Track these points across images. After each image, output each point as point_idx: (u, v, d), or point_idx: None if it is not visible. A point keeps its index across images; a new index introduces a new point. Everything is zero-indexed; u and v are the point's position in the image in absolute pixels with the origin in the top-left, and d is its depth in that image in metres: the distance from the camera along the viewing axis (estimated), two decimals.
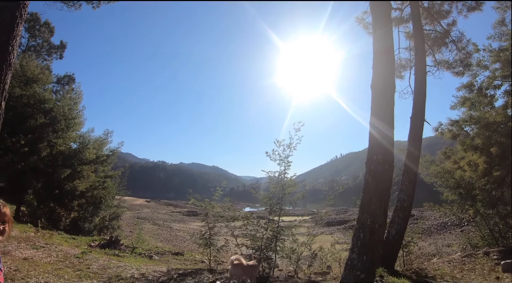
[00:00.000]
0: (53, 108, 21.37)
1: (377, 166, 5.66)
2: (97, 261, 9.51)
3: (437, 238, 26.52)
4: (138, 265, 9.56)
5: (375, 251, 5.51)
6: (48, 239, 12.53)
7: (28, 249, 9.86)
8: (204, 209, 10.25)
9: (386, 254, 9.78)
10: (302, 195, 9.99)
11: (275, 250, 9.52)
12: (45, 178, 21.47)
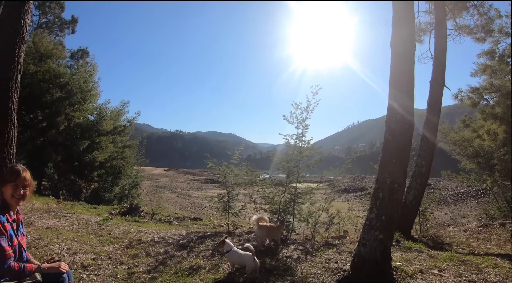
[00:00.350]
0: (68, 82, 21.36)
1: (397, 125, 5.50)
2: (118, 227, 9.64)
3: (453, 208, 26.37)
4: (158, 230, 9.66)
5: (394, 212, 5.43)
6: (70, 209, 12.72)
7: (51, 219, 10.00)
8: (223, 172, 10.21)
9: (402, 219, 9.74)
10: (320, 159, 9.79)
11: (293, 213, 9.51)
12: (64, 151, 21.75)
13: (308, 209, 9.70)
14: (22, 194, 3.54)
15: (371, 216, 5.55)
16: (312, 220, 9.51)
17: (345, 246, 7.72)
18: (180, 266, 6.52)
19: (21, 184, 3.52)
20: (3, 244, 3.26)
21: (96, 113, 24.07)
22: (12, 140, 6.51)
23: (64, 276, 3.66)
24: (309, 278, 5.81)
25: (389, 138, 5.57)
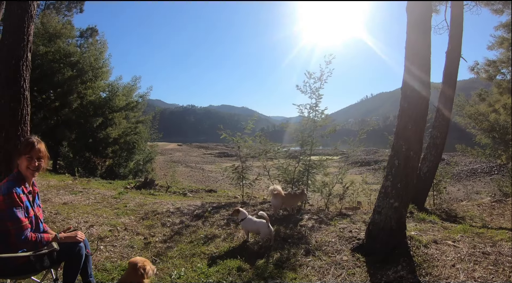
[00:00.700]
0: (79, 60, 21.45)
1: (413, 92, 5.38)
2: (134, 200, 9.75)
3: (466, 184, 26.03)
4: (173, 201, 9.74)
5: (410, 180, 5.36)
6: (86, 185, 12.86)
7: (67, 194, 10.13)
8: (236, 142, 10.21)
9: (416, 191, 9.63)
10: (334, 129, 9.67)
11: (307, 184, 9.49)
12: (78, 129, 21.99)
13: (322, 180, 9.67)
14: (37, 166, 3.54)
15: (387, 184, 5.50)
16: (326, 190, 9.49)
17: (359, 216, 7.71)
18: (195, 236, 6.61)
19: (36, 155, 3.52)
20: (19, 215, 3.30)
21: (108, 90, 24.24)
22: (26, 118, 6.57)
23: (81, 245, 3.69)
24: (323, 247, 5.83)
25: (405, 106, 5.48)
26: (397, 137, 5.50)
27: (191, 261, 5.37)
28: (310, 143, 9.41)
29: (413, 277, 4.48)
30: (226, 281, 4.56)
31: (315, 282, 4.61)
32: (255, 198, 11.09)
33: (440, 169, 11.78)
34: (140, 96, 26.15)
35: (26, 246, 3.36)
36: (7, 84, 6.32)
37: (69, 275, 3.69)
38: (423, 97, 5.39)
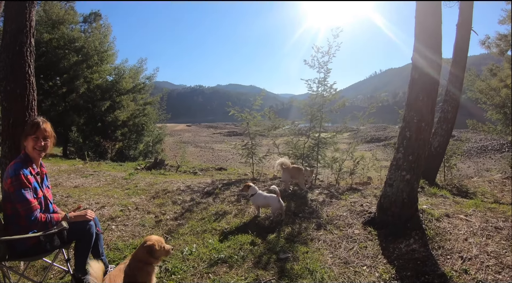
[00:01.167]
0: (84, 45, 21.51)
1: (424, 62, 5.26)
2: (144, 180, 9.80)
3: (477, 161, 25.72)
4: (183, 180, 9.78)
5: (421, 152, 5.26)
6: (96, 168, 12.97)
7: (78, 178, 10.22)
8: (245, 118, 10.15)
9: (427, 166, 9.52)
10: (343, 103, 9.56)
11: (317, 159, 9.45)
12: (87, 113, 22.20)
13: (332, 155, 9.62)
14: (43, 145, 3.53)
15: (398, 156, 5.42)
16: (336, 165, 9.45)
17: (369, 191, 7.66)
18: (206, 212, 6.64)
19: (42, 135, 3.51)
20: (28, 196, 3.29)
21: (114, 73, 24.37)
22: (33, 104, 6.55)
23: (91, 223, 3.70)
24: (334, 220, 5.81)
25: (415, 77, 5.35)
26: (408, 108, 5.39)
27: (202, 237, 5.39)
28: (320, 117, 9.32)
29: (426, 251, 4.44)
30: (238, 256, 4.56)
31: (327, 255, 4.60)
32: (265, 174, 11.10)
33: (451, 144, 11.64)
34: (147, 78, 26.29)
35: (36, 227, 3.37)
36: (12, 71, 6.29)
37: (80, 254, 3.71)
38: (434, 67, 5.26)
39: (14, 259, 3.52)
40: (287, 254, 4.58)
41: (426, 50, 5.25)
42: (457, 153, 12.46)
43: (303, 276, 4.00)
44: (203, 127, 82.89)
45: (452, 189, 9.84)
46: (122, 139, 24.29)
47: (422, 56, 5.27)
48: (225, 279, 3.97)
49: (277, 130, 10.37)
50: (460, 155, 13.06)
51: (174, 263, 4.40)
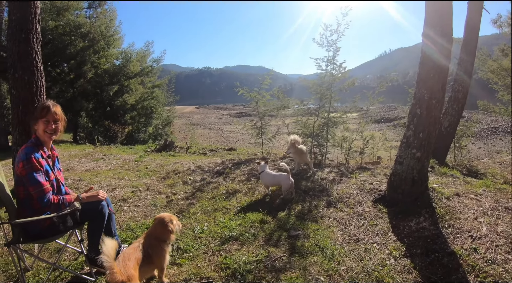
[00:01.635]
0: (90, 31, 21.42)
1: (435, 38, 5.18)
2: (154, 161, 9.88)
3: (487, 143, 25.35)
4: (193, 160, 9.85)
5: (432, 129, 5.21)
6: (107, 151, 13.06)
7: (89, 162, 10.30)
8: (254, 98, 10.13)
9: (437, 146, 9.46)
10: (353, 82, 9.44)
11: (326, 138, 9.42)
12: (95, 98, 22.28)
13: (342, 134, 9.59)
14: (54, 128, 3.54)
15: (408, 133, 5.39)
16: (346, 145, 9.42)
17: (379, 170, 7.65)
18: (216, 191, 6.69)
19: (52, 118, 3.51)
20: (40, 179, 3.32)
21: (121, 57, 24.30)
22: (41, 90, 6.61)
23: (103, 203, 3.74)
24: (345, 198, 5.82)
25: (426, 53, 5.28)
26: (419, 85, 5.33)
27: (213, 216, 5.45)
28: (329, 96, 9.25)
29: (436, 229, 4.44)
30: (249, 234, 4.60)
31: (337, 232, 4.62)
32: (275, 154, 11.10)
33: (461, 125, 11.54)
34: (154, 61, 26.22)
35: (49, 209, 3.40)
36: (19, 58, 6.33)
37: (93, 234, 3.77)
38: (445, 45, 5.19)
39: (28, 242, 3.55)
40: (297, 231, 4.61)
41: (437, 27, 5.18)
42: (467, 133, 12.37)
43: (314, 253, 4.04)
44: (212, 109, 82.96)
45: (462, 170, 9.78)
46: (131, 123, 24.48)
47: (433, 33, 5.20)
48: (236, 256, 4.01)
49: (286, 110, 10.34)
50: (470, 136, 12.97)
51: (186, 242, 4.46)
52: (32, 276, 3.87)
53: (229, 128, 41.78)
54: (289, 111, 10.49)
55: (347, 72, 9.30)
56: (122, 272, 2.77)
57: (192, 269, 3.79)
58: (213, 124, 47.94)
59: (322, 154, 9.41)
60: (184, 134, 32.69)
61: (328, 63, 9.21)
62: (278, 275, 3.60)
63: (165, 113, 27.47)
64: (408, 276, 3.55)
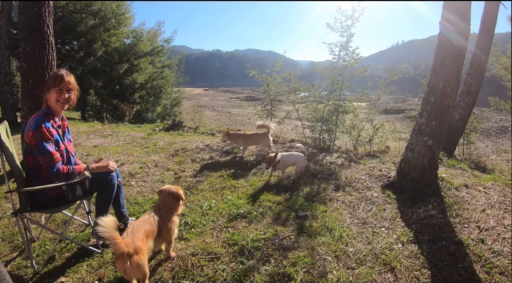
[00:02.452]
0: (101, 8, 21.30)
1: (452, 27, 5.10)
2: (163, 139, 9.88)
3: (495, 141, 25.07)
4: (202, 139, 9.85)
5: (445, 118, 5.16)
6: (115, 129, 13.07)
7: (97, 138, 10.32)
8: (266, 79, 10.08)
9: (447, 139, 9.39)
10: (365, 69, 9.34)
11: (336, 123, 9.38)
12: (104, 76, 22.23)
13: (351, 121, 9.55)
14: (67, 98, 3.50)
15: (421, 121, 5.34)
16: (355, 132, 9.39)
17: (388, 158, 7.64)
18: (225, 170, 6.70)
19: (65, 87, 3.47)
20: (50, 148, 3.29)
21: (132, 36, 24.19)
22: (52, 64, 6.60)
23: (113, 174, 3.73)
24: (353, 183, 5.82)
25: (442, 41, 5.20)
26: (434, 73, 5.26)
27: (221, 193, 5.47)
28: (341, 82, 9.19)
29: (443, 217, 4.43)
30: (257, 212, 4.61)
31: (346, 215, 4.62)
32: (283, 137, 11.08)
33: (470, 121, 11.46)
34: (164, 41, 26.17)
35: (59, 179, 3.39)
36: (31, 31, 6.31)
37: (102, 205, 3.76)
38: (462, 34, 5.10)
39: (35, 211, 3.57)
40: (306, 212, 4.61)
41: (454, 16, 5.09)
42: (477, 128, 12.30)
43: (322, 234, 4.04)
44: (221, 91, 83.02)
45: (470, 164, 9.76)
46: (140, 102, 24.51)
47: (450, 21, 5.12)
48: (244, 234, 4.02)
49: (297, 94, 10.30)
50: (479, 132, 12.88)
51: (194, 217, 4.47)
52: (38, 247, 3.90)
53: (237, 112, 41.76)
54: (299, 96, 10.45)
55: (360, 59, 9.22)
56: (129, 244, 2.74)
57: (199, 244, 3.80)
58: (221, 107, 47.91)
59: (331, 139, 9.39)
60: (192, 115, 32.73)
61: (341, 49, 9.16)
62: (285, 253, 3.60)
63: (174, 94, 27.53)
64: (416, 261, 3.55)
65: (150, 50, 24.32)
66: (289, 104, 10.50)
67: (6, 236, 4.16)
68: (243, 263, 3.44)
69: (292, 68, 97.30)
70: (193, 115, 32.96)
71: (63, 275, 3.38)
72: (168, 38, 26.35)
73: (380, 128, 9.56)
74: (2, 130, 3.26)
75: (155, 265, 3.46)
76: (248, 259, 3.51)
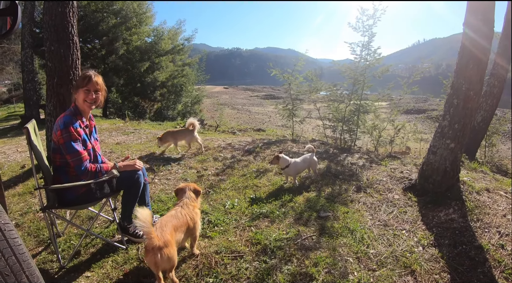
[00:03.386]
0: (122, 8, 21.60)
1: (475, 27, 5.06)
2: None
3: None
4: (223, 138, 9.95)
5: (467, 121, 5.11)
6: (137, 126, 13.29)
7: (119, 135, 10.50)
8: (287, 79, 10.09)
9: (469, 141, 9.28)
10: (387, 69, 9.29)
11: (357, 124, 9.37)
12: (126, 74, 22.50)
13: (372, 122, 9.52)
14: (95, 98, 3.61)
15: (444, 124, 5.32)
16: (376, 132, 9.36)
17: (409, 159, 7.60)
18: (247, 169, 6.78)
19: (93, 88, 3.58)
20: (78, 148, 3.40)
21: (153, 34, 24.50)
22: (76, 63, 6.75)
23: (139, 173, 3.84)
24: (374, 184, 5.83)
25: (466, 43, 5.16)
26: (457, 75, 5.23)
27: (244, 192, 5.54)
28: (362, 82, 9.16)
29: (464, 221, 4.41)
30: (279, 212, 4.67)
31: (367, 217, 4.64)
32: (304, 137, 11.09)
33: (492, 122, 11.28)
34: (185, 40, 26.44)
35: (86, 177, 3.50)
36: (56, 31, 6.45)
37: (128, 202, 3.89)
38: (485, 36, 5.06)
39: (63, 207, 3.71)
40: (327, 213, 4.65)
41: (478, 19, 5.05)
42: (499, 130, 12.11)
43: (343, 235, 4.07)
44: (240, 89, 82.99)
45: (492, 167, 9.61)
46: (160, 99, 24.74)
47: (473, 25, 5.08)
48: (267, 233, 4.08)
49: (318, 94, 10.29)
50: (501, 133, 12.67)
51: (217, 216, 4.56)
52: (63, 242, 4.05)
53: (257, 110, 41.79)
54: (320, 96, 10.45)
55: (381, 58, 9.18)
56: (159, 237, 2.89)
57: (222, 243, 3.88)
58: (241, 105, 47.97)
59: (352, 140, 9.37)
60: (212, 113, 32.82)
61: (363, 49, 9.11)
62: (307, 253, 3.66)
63: (194, 92, 27.69)
64: (436, 265, 3.56)
65: (171, 48, 24.56)
66: (310, 103, 10.50)
67: (32, 231, 4.33)
68: (266, 262, 3.51)
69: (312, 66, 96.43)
70: (213, 113, 33.04)
71: (89, 270, 3.52)
72: (188, 36, 26.67)
73: (401, 129, 9.51)
74: (30, 130, 3.37)
75: (179, 261, 3.55)
76: (270, 258, 3.58)
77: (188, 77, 26.08)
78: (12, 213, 4.98)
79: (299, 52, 11.73)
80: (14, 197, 5.70)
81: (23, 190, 5.97)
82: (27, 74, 16.04)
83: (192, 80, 27.00)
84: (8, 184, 6.37)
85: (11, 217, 4.69)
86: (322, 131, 10.46)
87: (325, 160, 7.26)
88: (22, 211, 5.04)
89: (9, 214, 4.63)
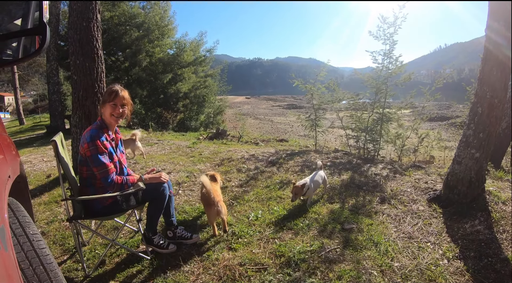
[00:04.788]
0: (144, 21, 22.13)
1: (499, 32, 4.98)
2: (208, 149, 10.09)
3: None
4: (246, 149, 10.00)
5: (493, 130, 5.02)
6: (160, 137, 13.44)
7: (143, 146, 10.61)
8: (310, 89, 10.13)
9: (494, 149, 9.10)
10: (409, 77, 9.24)
11: (380, 133, 9.31)
12: (149, 86, 22.90)
13: (395, 131, 9.44)
14: (121, 112, 3.71)
15: (468, 133, 5.25)
16: (399, 141, 9.28)
17: (433, 169, 7.48)
18: (271, 180, 6.80)
19: (120, 102, 3.68)
20: (104, 160, 3.49)
21: (175, 46, 24.95)
22: (101, 76, 6.94)
23: (165, 185, 3.90)
24: (398, 195, 5.77)
25: (489, 48, 5.09)
26: (480, 83, 5.16)
27: (267, 204, 5.57)
28: (385, 91, 9.11)
29: (490, 233, 4.33)
30: (303, 224, 4.68)
31: (391, 229, 4.61)
32: (327, 147, 11.07)
33: None
34: (207, 51, 26.80)
35: (113, 189, 3.60)
36: (81, 45, 6.65)
37: (153, 214, 3.97)
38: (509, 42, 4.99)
39: (89, 218, 3.79)
40: (351, 225, 4.63)
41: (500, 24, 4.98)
42: None
43: (368, 247, 4.06)
44: (262, 99, 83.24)
45: None
46: (183, 110, 25.04)
47: (496, 30, 5.00)
48: (290, 245, 4.10)
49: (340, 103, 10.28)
50: None
51: (241, 228, 4.60)
52: (88, 251, 4.15)
53: (279, 120, 41.78)
54: (342, 105, 10.43)
55: (404, 66, 9.12)
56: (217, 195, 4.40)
57: (246, 255, 3.91)
58: (263, 115, 48.06)
59: (375, 149, 9.31)
60: (234, 123, 32.99)
61: (384, 57, 9.07)
62: (331, 266, 3.66)
63: (217, 102, 27.94)
64: (461, 278, 3.51)
65: (193, 60, 24.94)
66: (332, 112, 10.49)
67: (57, 240, 4.45)
68: (289, 274, 3.53)
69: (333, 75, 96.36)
70: (235, 123, 33.20)
71: (113, 279, 3.59)
72: (210, 48, 27.01)
73: (425, 138, 9.42)
74: (58, 142, 3.48)
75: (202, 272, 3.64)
76: (294, 270, 3.59)
77: (210, 88, 26.40)
78: (38, 221, 5.14)
79: (320, 61, 11.86)
80: (40, 206, 5.87)
81: (49, 199, 6.13)
82: (53, 86, 16.43)
83: (214, 91, 27.30)
84: (34, 192, 6.55)
85: (37, 225, 4.80)
86: (345, 141, 10.42)
87: (348, 170, 7.23)
88: (48, 220, 5.19)
89: (36, 223, 4.74)
